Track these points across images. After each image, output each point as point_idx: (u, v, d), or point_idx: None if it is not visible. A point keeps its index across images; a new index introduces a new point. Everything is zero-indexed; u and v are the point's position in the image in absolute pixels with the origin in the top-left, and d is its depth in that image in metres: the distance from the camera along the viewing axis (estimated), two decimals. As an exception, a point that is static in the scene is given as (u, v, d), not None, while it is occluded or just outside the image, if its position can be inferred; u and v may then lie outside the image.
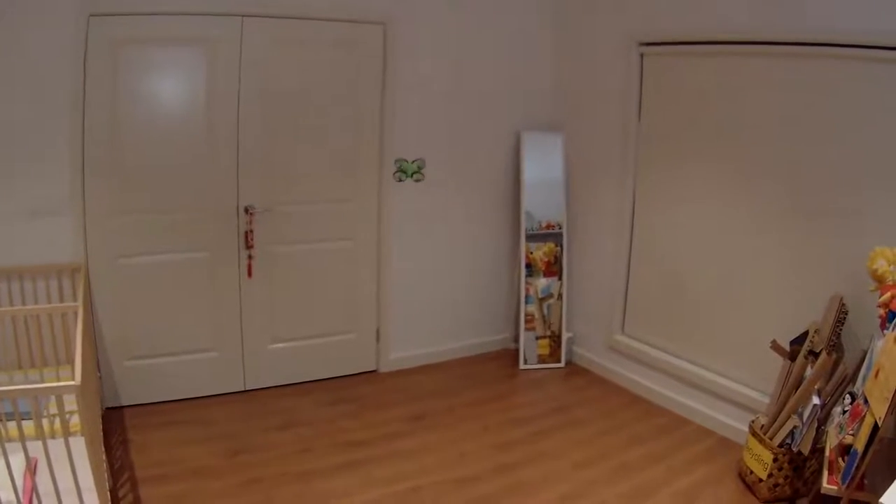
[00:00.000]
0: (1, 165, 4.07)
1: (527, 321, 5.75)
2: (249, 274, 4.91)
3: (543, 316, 5.76)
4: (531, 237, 5.70)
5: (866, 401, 3.20)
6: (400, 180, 5.31)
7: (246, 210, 4.79)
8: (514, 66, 5.64)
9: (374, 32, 5.00)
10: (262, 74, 4.67)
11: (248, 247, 4.85)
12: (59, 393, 2.68)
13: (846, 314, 3.75)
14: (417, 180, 5.37)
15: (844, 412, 3.44)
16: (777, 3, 4.08)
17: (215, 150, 4.65)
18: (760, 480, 3.85)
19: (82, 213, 4.36)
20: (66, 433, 2.70)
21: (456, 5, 5.27)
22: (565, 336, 5.80)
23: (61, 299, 4.34)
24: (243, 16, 4.52)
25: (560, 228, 5.72)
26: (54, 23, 4.02)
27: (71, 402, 2.78)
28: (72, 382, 2.68)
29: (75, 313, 3.82)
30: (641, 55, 5.04)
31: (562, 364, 5.80)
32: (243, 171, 4.75)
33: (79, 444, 2.79)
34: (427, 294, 5.70)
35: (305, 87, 4.84)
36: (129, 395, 4.74)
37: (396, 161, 5.26)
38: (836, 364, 3.75)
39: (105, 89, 4.26)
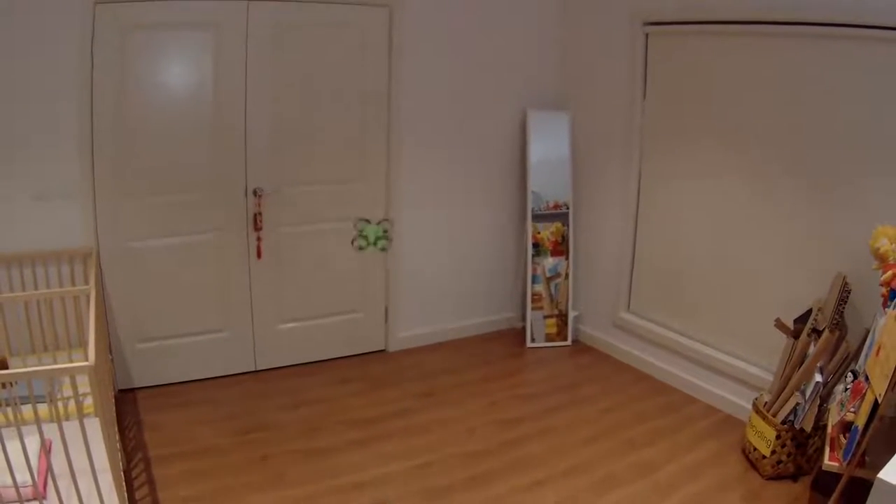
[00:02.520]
0: (11, 152, 4.10)
1: (534, 300, 5.79)
2: (259, 255, 4.95)
3: (551, 295, 5.80)
4: (538, 217, 5.72)
5: (867, 378, 3.23)
6: (360, 248, 5.28)
7: (254, 192, 4.82)
8: (519, 46, 5.63)
9: (379, 14, 4.99)
10: (268, 58, 4.68)
11: (257, 229, 4.88)
12: (73, 374, 2.73)
13: (849, 292, 3.77)
14: (383, 248, 5.39)
15: (846, 390, 3.48)
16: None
17: (223, 134, 4.67)
18: (764, 457, 3.90)
19: (92, 197, 4.39)
20: (81, 414, 2.75)
21: (461, -15, 5.28)
22: (572, 315, 5.84)
23: (73, 283, 4.37)
24: (249, 0, 4.53)
25: (567, 208, 5.74)
26: (61, 11, 4.03)
27: (84, 384, 2.82)
28: (86, 363, 2.73)
29: (87, 297, 3.87)
30: (646, 34, 5.04)
31: (568, 342, 5.84)
32: (251, 153, 4.77)
33: (92, 425, 2.85)
34: (435, 274, 5.74)
35: (312, 69, 4.85)
36: (141, 377, 4.81)
37: (358, 222, 5.27)
38: (838, 342, 3.78)
39: (113, 75, 4.28)
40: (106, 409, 3.10)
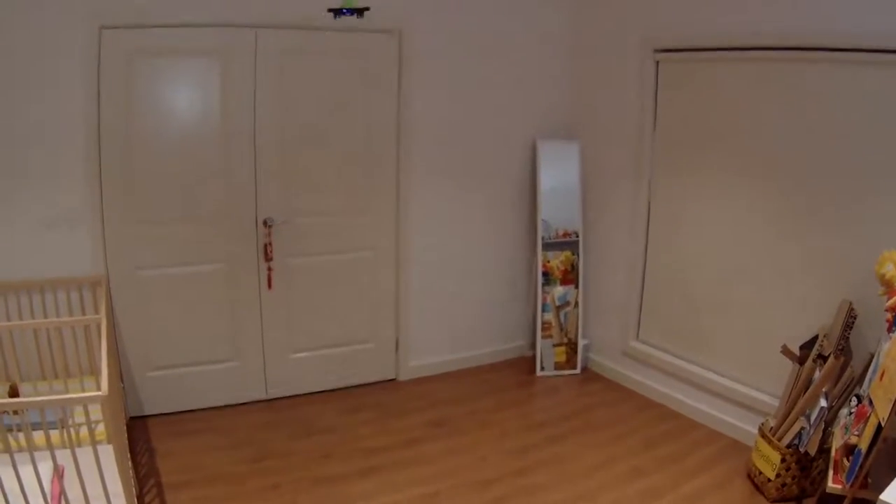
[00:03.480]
0: (19, 179, 4.16)
1: (544, 329, 5.80)
2: (270, 285, 5.00)
3: (560, 324, 5.82)
4: (548, 246, 5.75)
5: (871, 402, 3.25)
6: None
7: (265, 223, 4.87)
8: (529, 75, 5.67)
9: (388, 42, 5.05)
10: (277, 86, 4.73)
11: (268, 259, 4.93)
12: (86, 403, 2.79)
13: (855, 318, 3.79)
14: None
15: (850, 413, 3.50)
16: (790, 7, 4.12)
17: (232, 163, 4.72)
18: (769, 480, 3.91)
19: (101, 225, 4.44)
20: (94, 441, 2.80)
21: (471, 14, 5.31)
22: (581, 343, 5.86)
23: (83, 311, 4.42)
24: (257, 27, 4.58)
25: (577, 237, 5.77)
26: (67, 36, 4.10)
27: (96, 412, 2.87)
28: (99, 393, 2.78)
29: (98, 325, 3.92)
30: (657, 62, 5.08)
31: (577, 371, 5.85)
32: (261, 183, 4.82)
33: (105, 452, 2.90)
34: (445, 303, 5.76)
35: (322, 98, 4.90)
36: (152, 405, 4.85)
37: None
38: (843, 367, 3.79)
39: (120, 101, 4.34)
40: (119, 437, 3.15)
